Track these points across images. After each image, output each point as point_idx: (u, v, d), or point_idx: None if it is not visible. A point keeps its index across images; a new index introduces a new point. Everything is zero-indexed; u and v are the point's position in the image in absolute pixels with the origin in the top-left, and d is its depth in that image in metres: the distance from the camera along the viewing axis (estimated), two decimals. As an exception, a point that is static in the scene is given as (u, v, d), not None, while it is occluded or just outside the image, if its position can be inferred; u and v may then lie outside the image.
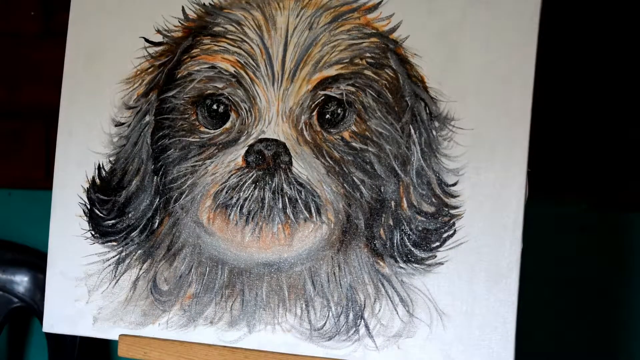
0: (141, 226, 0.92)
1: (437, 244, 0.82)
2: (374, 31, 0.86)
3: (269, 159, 0.85)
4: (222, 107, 0.88)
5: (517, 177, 0.80)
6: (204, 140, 0.89)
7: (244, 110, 0.87)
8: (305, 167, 0.85)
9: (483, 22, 0.82)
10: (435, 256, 0.82)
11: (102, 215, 0.94)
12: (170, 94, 0.91)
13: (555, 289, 1.07)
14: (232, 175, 0.87)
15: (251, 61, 0.87)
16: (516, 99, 0.80)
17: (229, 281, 0.89)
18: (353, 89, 0.85)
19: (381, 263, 0.84)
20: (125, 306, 0.92)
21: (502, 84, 0.81)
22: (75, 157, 0.95)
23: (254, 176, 0.86)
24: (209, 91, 0.89)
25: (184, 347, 0.90)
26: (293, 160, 0.85)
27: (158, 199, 0.92)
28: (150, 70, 0.93)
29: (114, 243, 0.93)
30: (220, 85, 0.88)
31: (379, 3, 0.86)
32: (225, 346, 0.88)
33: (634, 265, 1.06)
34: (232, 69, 0.88)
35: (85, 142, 0.95)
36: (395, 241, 0.84)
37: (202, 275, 0.90)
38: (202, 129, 0.89)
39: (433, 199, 0.83)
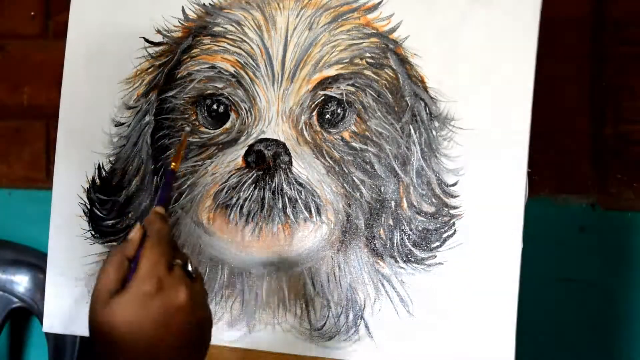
0: (141, 226, 0.92)
1: (437, 244, 0.82)
2: (373, 31, 0.86)
3: (269, 159, 0.85)
4: (222, 107, 0.88)
5: (517, 177, 0.79)
6: (204, 140, 0.89)
7: (244, 110, 0.87)
8: (305, 167, 0.85)
9: (483, 22, 0.82)
10: (435, 256, 0.82)
11: (102, 215, 0.94)
12: (170, 94, 0.91)
13: (555, 289, 1.07)
14: (232, 175, 0.87)
15: (251, 61, 0.87)
16: (516, 98, 0.80)
17: (228, 281, 0.89)
18: (353, 89, 0.85)
19: (381, 263, 0.84)
20: (125, 306, 0.92)
21: (502, 84, 0.81)
22: (75, 157, 0.95)
23: (254, 176, 0.86)
24: (208, 91, 0.89)
25: (184, 347, 0.89)
26: (293, 160, 0.85)
27: (158, 199, 0.92)
28: (150, 70, 0.93)
29: (114, 243, 0.93)
30: (220, 85, 0.88)
31: (379, 3, 0.86)
32: (225, 346, 0.88)
33: (634, 265, 1.06)
34: (232, 69, 0.88)
35: (85, 142, 0.95)
36: (395, 241, 0.84)
37: (202, 275, 0.89)
38: (202, 129, 0.89)
39: (433, 199, 0.83)
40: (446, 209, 0.82)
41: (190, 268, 0.66)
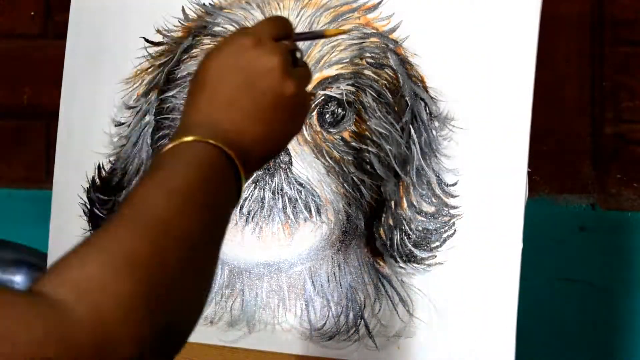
0: (141, 226, 0.92)
1: (437, 244, 0.82)
2: (374, 31, 0.86)
3: (269, 159, 0.85)
4: (222, 107, 0.88)
5: (517, 177, 0.79)
6: (204, 140, 0.89)
7: (244, 110, 0.87)
8: (305, 167, 0.85)
9: (483, 22, 0.82)
10: (436, 256, 0.82)
11: (102, 215, 0.94)
12: (170, 93, 0.91)
13: (555, 289, 1.07)
14: (232, 175, 0.86)
15: (251, 61, 0.87)
16: (516, 98, 0.80)
17: (228, 281, 0.89)
18: (353, 89, 0.85)
19: (381, 263, 0.84)
20: (125, 306, 0.92)
21: (502, 83, 0.81)
22: (75, 157, 0.95)
23: (253, 176, 0.86)
24: (209, 91, 0.89)
25: (184, 347, 0.89)
26: (293, 160, 0.85)
27: (158, 199, 0.91)
28: (150, 70, 0.93)
29: (114, 243, 0.93)
30: (220, 85, 0.88)
31: (379, 3, 0.86)
32: (225, 346, 0.88)
33: (634, 265, 1.06)
34: (232, 69, 0.87)
35: (85, 142, 0.95)
36: (395, 241, 0.84)
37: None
38: (202, 129, 0.89)
39: (433, 199, 0.83)
40: (446, 209, 0.82)
41: (298, 56, 0.65)
